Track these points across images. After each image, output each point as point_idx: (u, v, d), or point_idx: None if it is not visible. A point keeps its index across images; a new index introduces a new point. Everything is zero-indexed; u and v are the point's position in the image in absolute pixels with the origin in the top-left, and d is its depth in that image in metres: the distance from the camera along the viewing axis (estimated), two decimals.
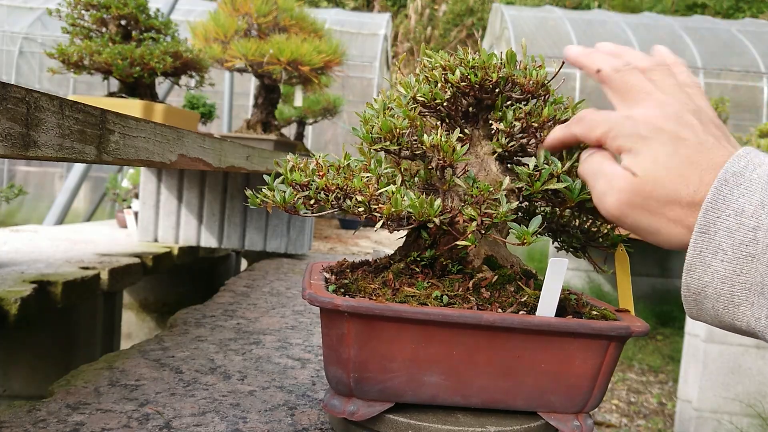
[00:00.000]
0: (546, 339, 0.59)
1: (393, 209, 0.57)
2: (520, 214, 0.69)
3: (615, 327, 0.59)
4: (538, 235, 0.57)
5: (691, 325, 2.87)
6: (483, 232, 0.58)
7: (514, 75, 0.65)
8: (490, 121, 0.66)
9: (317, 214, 0.64)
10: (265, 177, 0.65)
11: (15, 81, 7.76)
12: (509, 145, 0.65)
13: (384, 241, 2.88)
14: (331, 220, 3.77)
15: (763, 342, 2.72)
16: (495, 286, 0.64)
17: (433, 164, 0.64)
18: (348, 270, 0.72)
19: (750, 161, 0.44)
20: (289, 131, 4.29)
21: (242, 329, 1.14)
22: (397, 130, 0.62)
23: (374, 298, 0.60)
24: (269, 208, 0.64)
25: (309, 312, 1.32)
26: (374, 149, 0.65)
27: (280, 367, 0.92)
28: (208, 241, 2.13)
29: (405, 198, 0.58)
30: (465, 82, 0.64)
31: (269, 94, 2.65)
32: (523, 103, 0.66)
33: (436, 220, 0.58)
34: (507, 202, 0.58)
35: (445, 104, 0.66)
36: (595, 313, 0.65)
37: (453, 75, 0.64)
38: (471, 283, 0.63)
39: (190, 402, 0.76)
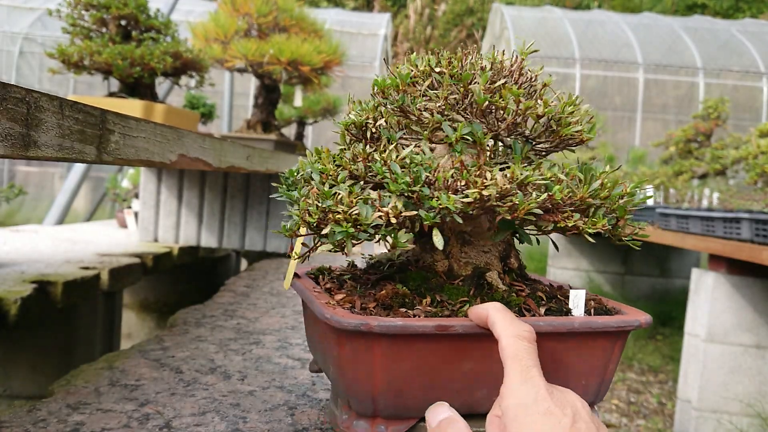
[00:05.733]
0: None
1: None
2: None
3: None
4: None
5: (691, 324, 2.87)
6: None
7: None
8: None
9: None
10: None
11: (15, 81, 7.77)
12: None
13: None
14: None
15: (764, 341, 2.69)
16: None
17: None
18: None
19: None
20: (289, 131, 4.29)
21: (242, 329, 1.14)
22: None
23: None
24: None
25: None
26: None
27: (280, 367, 0.92)
28: (208, 241, 2.13)
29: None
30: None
31: (269, 94, 2.65)
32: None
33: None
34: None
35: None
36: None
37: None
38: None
39: (190, 402, 0.76)
